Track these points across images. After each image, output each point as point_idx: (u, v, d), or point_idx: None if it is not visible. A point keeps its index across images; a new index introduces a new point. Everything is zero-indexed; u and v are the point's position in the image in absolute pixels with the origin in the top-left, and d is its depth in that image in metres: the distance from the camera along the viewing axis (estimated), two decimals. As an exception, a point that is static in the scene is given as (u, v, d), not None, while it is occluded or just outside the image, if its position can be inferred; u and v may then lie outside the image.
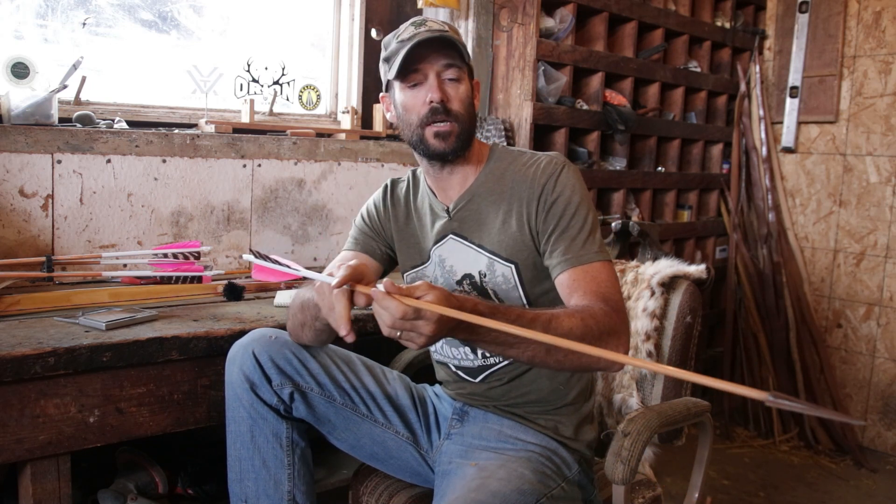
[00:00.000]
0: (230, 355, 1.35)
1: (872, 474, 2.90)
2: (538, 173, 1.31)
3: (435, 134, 1.29)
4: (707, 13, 3.19)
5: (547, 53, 2.52)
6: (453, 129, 1.29)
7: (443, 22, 1.34)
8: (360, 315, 1.68)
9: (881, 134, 3.06)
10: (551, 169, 1.31)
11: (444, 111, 1.28)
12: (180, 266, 1.79)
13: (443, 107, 1.28)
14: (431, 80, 1.28)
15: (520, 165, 1.35)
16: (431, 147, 1.30)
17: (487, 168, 1.37)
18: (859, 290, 3.16)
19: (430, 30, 1.28)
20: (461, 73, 1.30)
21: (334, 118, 2.51)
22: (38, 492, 1.33)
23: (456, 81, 1.30)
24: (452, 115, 1.29)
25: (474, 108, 1.34)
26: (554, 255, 1.28)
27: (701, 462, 1.48)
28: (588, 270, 1.24)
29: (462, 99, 1.30)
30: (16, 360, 1.23)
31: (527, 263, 1.32)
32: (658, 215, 3.16)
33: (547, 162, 1.33)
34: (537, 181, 1.30)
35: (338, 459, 2.00)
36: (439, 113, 1.28)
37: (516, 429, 1.37)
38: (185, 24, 2.22)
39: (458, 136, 1.30)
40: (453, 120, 1.29)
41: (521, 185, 1.32)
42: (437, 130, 1.29)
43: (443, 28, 1.30)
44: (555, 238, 1.28)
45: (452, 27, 1.34)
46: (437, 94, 1.27)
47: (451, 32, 1.31)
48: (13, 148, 1.75)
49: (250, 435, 1.33)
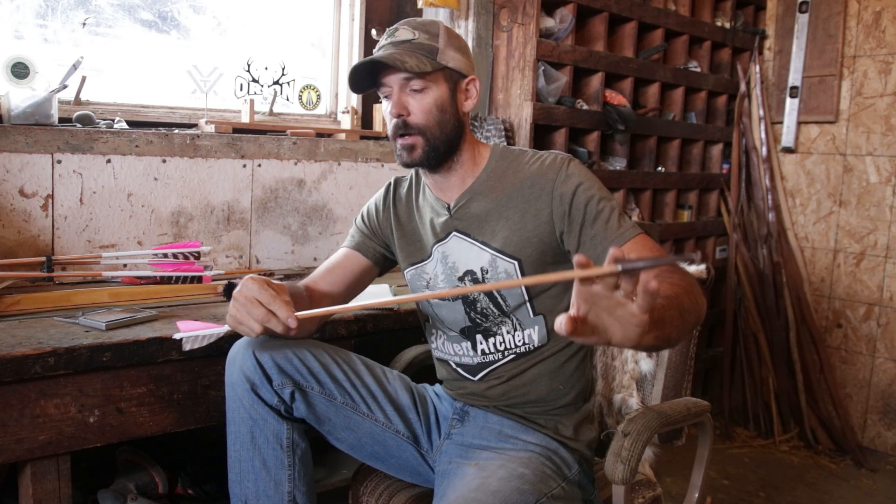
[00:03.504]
0: (230, 356, 1.35)
1: (872, 474, 2.90)
2: (545, 168, 1.32)
3: (401, 147, 1.32)
4: (707, 13, 3.19)
5: (547, 53, 2.52)
6: (416, 141, 1.30)
7: (418, 25, 1.32)
8: (360, 315, 1.68)
9: (881, 134, 3.06)
10: (559, 163, 1.32)
11: (405, 125, 1.29)
12: (180, 266, 1.79)
13: (403, 122, 1.29)
14: (395, 93, 1.29)
15: (522, 163, 1.36)
16: (401, 158, 1.33)
17: (489, 167, 1.38)
18: (859, 290, 3.16)
19: (394, 41, 1.30)
20: (426, 82, 1.29)
21: (334, 118, 2.51)
22: (38, 492, 1.33)
23: (419, 92, 1.30)
24: (414, 128, 1.30)
25: (456, 109, 1.33)
26: (593, 245, 1.28)
27: (701, 462, 1.48)
28: (636, 243, 1.26)
29: (427, 110, 1.30)
30: (16, 360, 1.23)
31: (531, 259, 1.32)
32: (658, 215, 3.16)
33: (552, 158, 1.34)
34: (545, 176, 1.31)
35: (338, 459, 2.00)
36: (400, 127, 1.30)
37: (516, 429, 1.37)
38: (185, 24, 2.22)
39: (424, 147, 1.31)
40: (416, 133, 1.30)
41: (526, 182, 1.33)
42: (402, 143, 1.31)
43: (409, 37, 1.29)
44: (587, 228, 1.28)
45: (428, 29, 1.32)
46: (394, 109, 1.29)
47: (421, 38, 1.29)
48: (13, 148, 1.75)
49: (251, 436, 1.33)
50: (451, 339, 1.43)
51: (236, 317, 1.21)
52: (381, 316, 1.71)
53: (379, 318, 1.70)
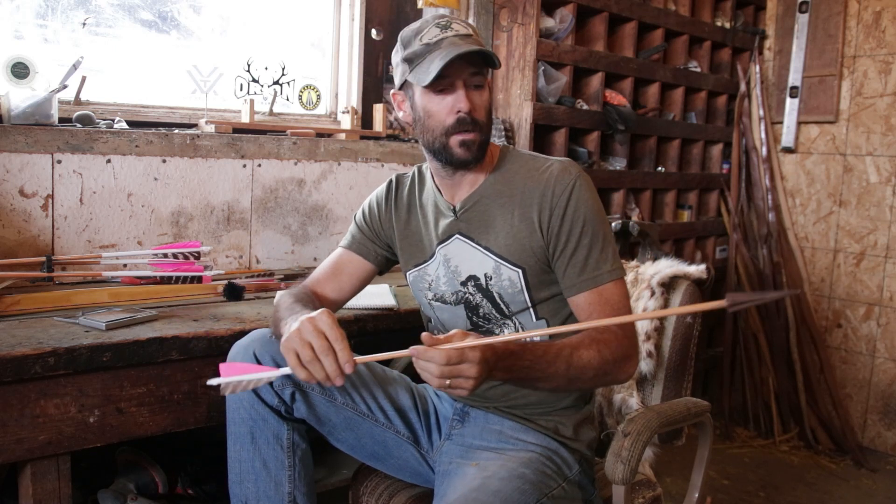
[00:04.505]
0: (230, 356, 1.35)
1: (872, 474, 2.90)
2: (552, 181, 1.29)
3: (461, 143, 1.28)
4: (707, 13, 3.19)
5: (547, 53, 2.52)
6: (477, 138, 1.28)
7: (466, 23, 1.30)
8: (359, 315, 1.68)
9: (881, 134, 3.06)
10: (567, 180, 1.29)
11: (472, 121, 1.27)
12: (180, 266, 1.79)
13: (470, 117, 1.27)
14: (459, 88, 1.26)
15: (531, 170, 1.33)
16: (455, 155, 1.29)
17: (498, 171, 1.36)
18: (859, 290, 3.16)
19: (458, 34, 1.25)
20: (486, 79, 1.29)
21: (334, 118, 2.51)
22: (38, 492, 1.33)
23: (481, 89, 1.29)
24: (478, 124, 1.28)
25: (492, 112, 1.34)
26: (568, 276, 1.29)
27: (701, 462, 1.48)
28: (602, 293, 1.27)
29: (486, 107, 1.30)
30: (16, 360, 1.23)
31: (534, 269, 1.31)
32: (658, 215, 3.16)
33: (561, 170, 1.31)
34: (551, 190, 1.29)
35: (338, 459, 2.00)
36: (466, 123, 1.27)
37: (517, 429, 1.37)
38: (185, 24, 2.22)
39: (480, 144, 1.29)
40: (478, 130, 1.28)
41: (533, 192, 1.31)
42: (464, 139, 1.27)
43: (468, 33, 1.27)
44: (569, 258, 1.28)
45: (475, 29, 1.31)
46: (465, 105, 1.26)
47: (477, 36, 1.29)
48: (13, 148, 1.75)
49: (251, 436, 1.33)
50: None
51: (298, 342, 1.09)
52: (381, 316, 1.71)
53: (379, 318, 1.70)
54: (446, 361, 1.01)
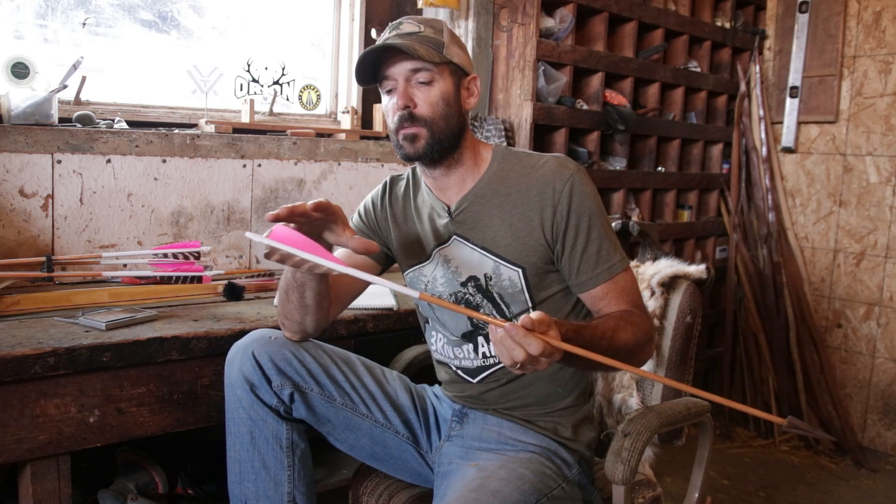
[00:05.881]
0: (229, 357, 1.35)
1: (872, 474, 2.90)
2: (550, 178, 1.29)
3: (404, 137, 1.29)
4: (707, 13, 3.19)
5: (547, 53, 2.52)
6: (420, 132, 1.28)
7: (421, 20, 1.31)
8: (359, 315, 1.68)
9: (881, 134, 3.06)
10: (565, 176, 1.29)
11: (411, 117, 1.28)
12: (180, 266, 1.79)
13: (408, 113, 1.28)
14: (401, 85, 1.28)
15: (526, 168, 1.33)
16: (403, 150, 1.31)
17: (491, 170, 1.36)
18: (859, 290, 3.16)
19: (400, 34, 1.28)
20: (433, 74, 1.28)
21: (334, 118, 2.51)
22: (38, 492, 1.33)
23: (426, 84, 1.28)
24: (420, 120, 1.28)
25: (459, 106, 1.32)
26: (583, 271, 1.30)
27: (701, 462, 1.48)
28: (617, 282, 1.30)
29: (433, 102, 1.28)
30: (16, 360, 1.23)
31: (534, 268, 1.31)
32: (658, 215, 3.16)
33: (557, 166, 1.31)
34: (551, 187, 1.29)
35: (338, 459, 2.00)
36: (405, 119, 1.28)
37: (516, 430, 1.37)
38: (185, 24, 2.22)
39: (428, 139, 1.28)
40: (421, 125, 1.28)
41: (530, 189, 1.30)
42: (405, 133, 1.29)
43: (413, 31, 1.29)
44: (581, 253, 1.29)
45: (432, 25, 1.31)
46: (401, 101, 1.28)
47: (427, 31, 1.29)
48: (13, 148, 1.75)
49: (250, 436, 1.33)
50: (452, 342, 1.42)
51: None
52: (381, 316, 1.71)
53: (379, 318, 1.70)
54: (540, 353, 1.00)
